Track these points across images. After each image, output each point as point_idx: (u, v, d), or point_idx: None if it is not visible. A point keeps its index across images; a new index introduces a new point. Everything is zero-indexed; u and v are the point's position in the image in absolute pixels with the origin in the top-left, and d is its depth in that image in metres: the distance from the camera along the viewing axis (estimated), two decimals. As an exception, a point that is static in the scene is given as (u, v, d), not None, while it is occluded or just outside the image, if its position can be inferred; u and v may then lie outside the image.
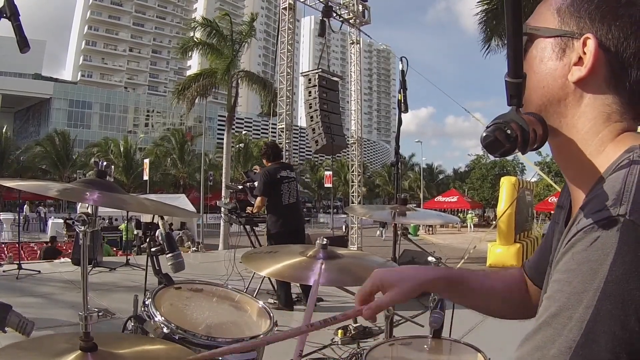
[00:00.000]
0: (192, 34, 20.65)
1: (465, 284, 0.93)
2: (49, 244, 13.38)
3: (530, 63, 0.73)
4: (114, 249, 15.12)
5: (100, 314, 1.20)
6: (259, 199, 5.22)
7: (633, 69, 0.66)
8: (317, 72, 12.96)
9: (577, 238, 0.57)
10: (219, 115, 54.10)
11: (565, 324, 0.55)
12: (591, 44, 0.66)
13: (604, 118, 0.68)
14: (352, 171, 17.55)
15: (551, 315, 0.57)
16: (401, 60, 2.88)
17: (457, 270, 0.98)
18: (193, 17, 33.10)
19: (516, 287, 0.97)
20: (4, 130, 39.00)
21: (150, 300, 1.43)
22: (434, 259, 2.64)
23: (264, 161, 5.51)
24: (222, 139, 22.51)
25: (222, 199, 11.36)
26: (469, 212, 39.13)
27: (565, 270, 0.57)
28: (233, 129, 22.38)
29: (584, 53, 0.67)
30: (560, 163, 0.75)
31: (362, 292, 0.89)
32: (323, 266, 1.45)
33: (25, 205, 32.92)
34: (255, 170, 6.31)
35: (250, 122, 75.25)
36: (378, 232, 26.04)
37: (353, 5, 15.93)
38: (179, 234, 18.08)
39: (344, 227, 25.80)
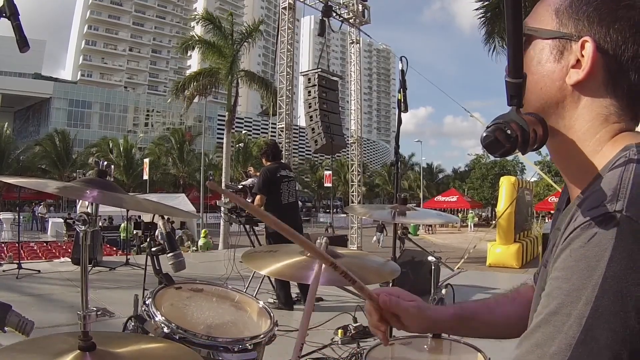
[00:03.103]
0: (193, 28, 20.73)
1: (477, 319, 0.96)
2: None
3: (528, 64, 0.72)
4: (114, 248, 15.11)
5: (98, 313, 1.20)
6: (258, 197, 5.21)
7: (631, 72, 0.66)
8: (316, 72, 12.96)
9: (574, 235, 0.57)
10: (219, 115, 54.04)
11: (565, 321, 0.55)
12: (589, 47, 0.66)
13: (601, 119, 0.68)
14: (352, 171, 17.55)
15: (550, 312, 0.57)
16: (401, 60, 2.87)
17: (468, 305, 0.99)
18: (193, 16, 33.05)
19: (528, 305, 0.97)
20: (4, 130, 38.94)
21: (150, 300, 1.43)
22: (434, 259, 2.64)
23: (263, 160, 5.51)
24: (222, 138, 22.50)
25: (222, 198, 11.36)
26: (470, 211, 39.16)
27: (563, 268, 0.57)
28: (233, 128, 22.37)
29: (582, 56, 0.67)
30: (558, 164, 0.75)
31: (388, 290, 0.94)
32: (323, 267, 1.45)
33: (41, 206, 32.75)
34: (249, 171, 6.31)
35: (250, 122, 75.22)
36: (374, 238, 22.48)
37: (353, 4, 15.93)
38: (179, 233, 18.07)
39: (328, 230, 20.49)
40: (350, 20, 16.15)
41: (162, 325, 1.34)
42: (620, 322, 0.52)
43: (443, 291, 2.45)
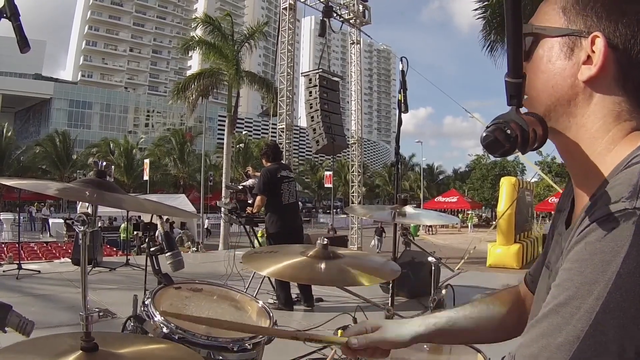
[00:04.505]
0: (194, 29, 20.70)
1: (455, 327, 0.96)
2: None
3: (537, 63, 0.72)
4: (114, 249, 15.10)
5: (100, 314, 1.19)
6: (258, 198, 5.21)
7: None
8: (317, 72, 12.98)
9: (590, 229, 0.57)
10: (219, 115, 54.06)
11: (574, 313, 0.54)
12: (600, 42, 0.66)
13: (613, 116, 0.67)
14: (352, 171, 17.56)
15: (560, 303, 0.56)
16: (401, 60, 2.88)
17: (445, 314, 1.00)
18: (193, 17, 33.04)
19: (508, 309, 0.97)
20: (4, 130, 38.97)
21: (149, 300, 1.42)
22: (434, 259, 2.64)
23: (263, 161, 5.52)
24: (223, 139, 22.50)
25: (222, 199, 11.37)
26: (468, 212, 39.18)
27: (576, 260, 0.57)
28: (234, 129, 22.36)
29: (593, 52, 0.66)
30: (568, 163, 0.74)
31: (352, 330, 0.96)
32: (323, 265, 1.45)
33: (44, 207, 32.75)
34: (248, 172, 6.30)
35: (251, 122, 75.20)
36: (373, 242, 21.44)
37: (353, 5, 15.96)
38: (180, 234, 18.08)
39: (330, 231, 17.88)
40: (350, 21, 16.17)
41: (162, 325, 1.34)
42: (630, 319, 0.51)
43: (443, 292, 2.44)
